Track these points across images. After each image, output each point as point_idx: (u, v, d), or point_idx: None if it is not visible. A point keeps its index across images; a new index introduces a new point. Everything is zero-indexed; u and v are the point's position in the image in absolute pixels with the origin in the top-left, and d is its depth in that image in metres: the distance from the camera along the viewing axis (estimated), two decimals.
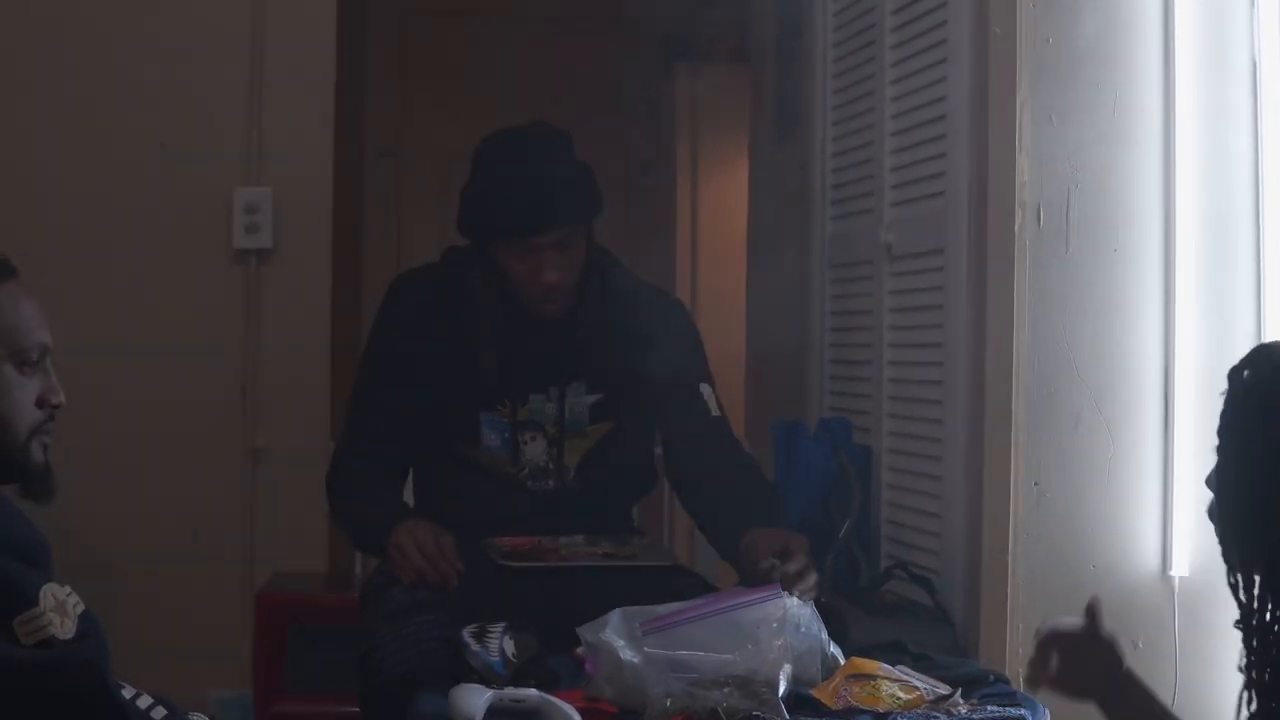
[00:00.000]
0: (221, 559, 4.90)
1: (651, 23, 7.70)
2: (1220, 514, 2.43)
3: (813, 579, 3.49)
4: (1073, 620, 2.63)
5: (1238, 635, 3.78)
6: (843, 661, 3.22)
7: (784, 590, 3.32)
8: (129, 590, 4.76)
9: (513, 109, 4.95)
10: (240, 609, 4.81)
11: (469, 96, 7.58)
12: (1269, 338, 3.78)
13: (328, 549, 5.00)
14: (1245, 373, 2.41)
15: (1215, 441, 2.46)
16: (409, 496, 3.99)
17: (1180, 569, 3.82)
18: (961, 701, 3.11)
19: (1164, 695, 3.70)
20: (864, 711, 3.03)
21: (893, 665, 3.25)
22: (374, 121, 7.43)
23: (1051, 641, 2.65)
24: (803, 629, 3.22)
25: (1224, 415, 2.44)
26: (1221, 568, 3.78)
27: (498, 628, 3.28)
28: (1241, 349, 3.72)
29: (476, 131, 3.87)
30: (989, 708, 3.08)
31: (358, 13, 5.92)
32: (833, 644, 3.26)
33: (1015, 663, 3.75)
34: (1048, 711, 3.14)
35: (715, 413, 3.89)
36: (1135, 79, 3.83)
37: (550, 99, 6.88)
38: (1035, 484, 3.83)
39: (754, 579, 3.45)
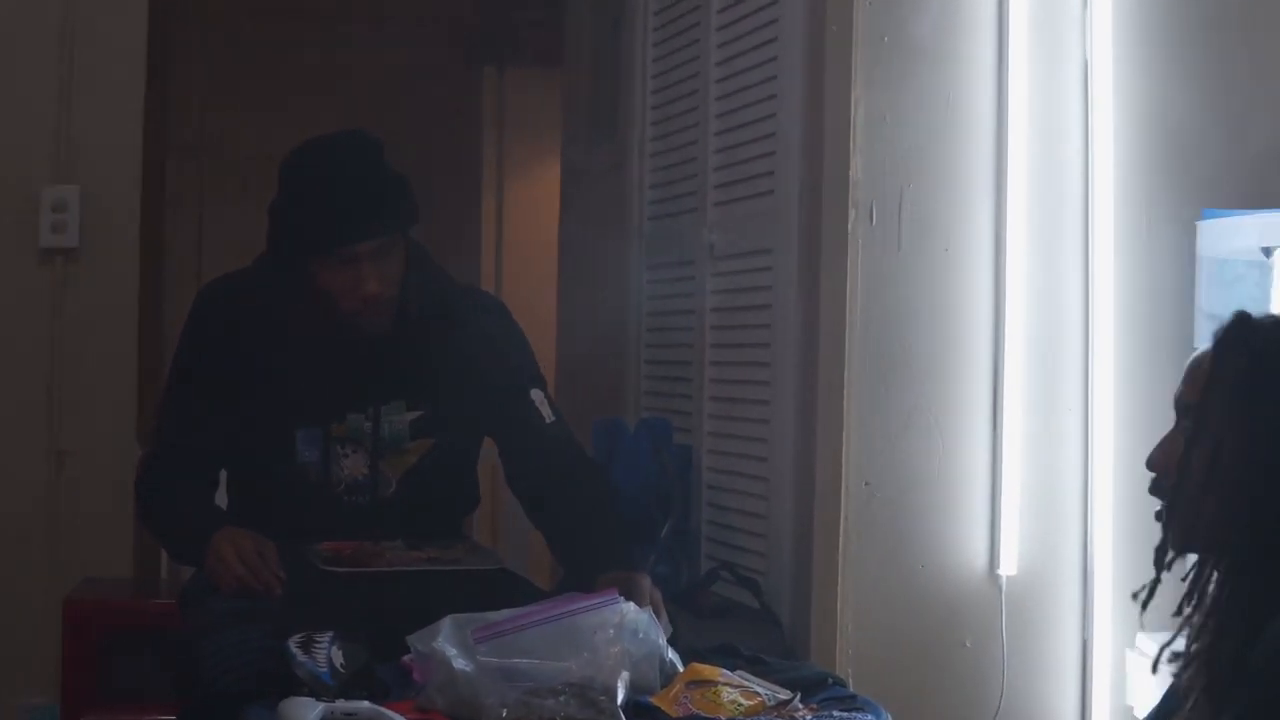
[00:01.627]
0: (27, 564, 4.72)
1: (459, 25, 7.65)
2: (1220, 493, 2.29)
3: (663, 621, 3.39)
4: None
5: (1063, 631, 3.83)
6: (681, 668, 3.11)
7: None
8: None
9: (318, 110, 4.83)
10: (47, 615, 4.61)
11: (273, 97, 7.49)
12: (1096, 338, 3.86)
13: (133, 553, 4.86)
14: (1223, 341, 2.33)
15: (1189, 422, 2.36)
16: (222, 502, 3.82)
17: (1008, 568, 3.85)
18: (801, 706, 3.01)
19: (993, 691, 3.80)
20: (705, 719, 2.91)
21: (730, 670, 3.14)
22: (177, 120, 7.28)
23: None
24: (640, 635, 3.09)
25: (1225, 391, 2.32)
26: (1048, 567, 3.82)
27: (325, 637, 3.12)
28: (1071, 350, 3.85)
29: (280, 132, 3.70)
30: (834, 713, 2.98)
31: (165, 12, 5.77)
32: (671, 650, 3.14)
33: (847, 664, 3.76)
34: (889, 716, 3.06)
35: (550, 419, 3.72)
36: (970, 78, 3.87)
37: (355, 101, 6.82)
38: (866, 484, 3.84)
39: None
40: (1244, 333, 2.29)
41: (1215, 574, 2.28)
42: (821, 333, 3.87)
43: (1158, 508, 2.35)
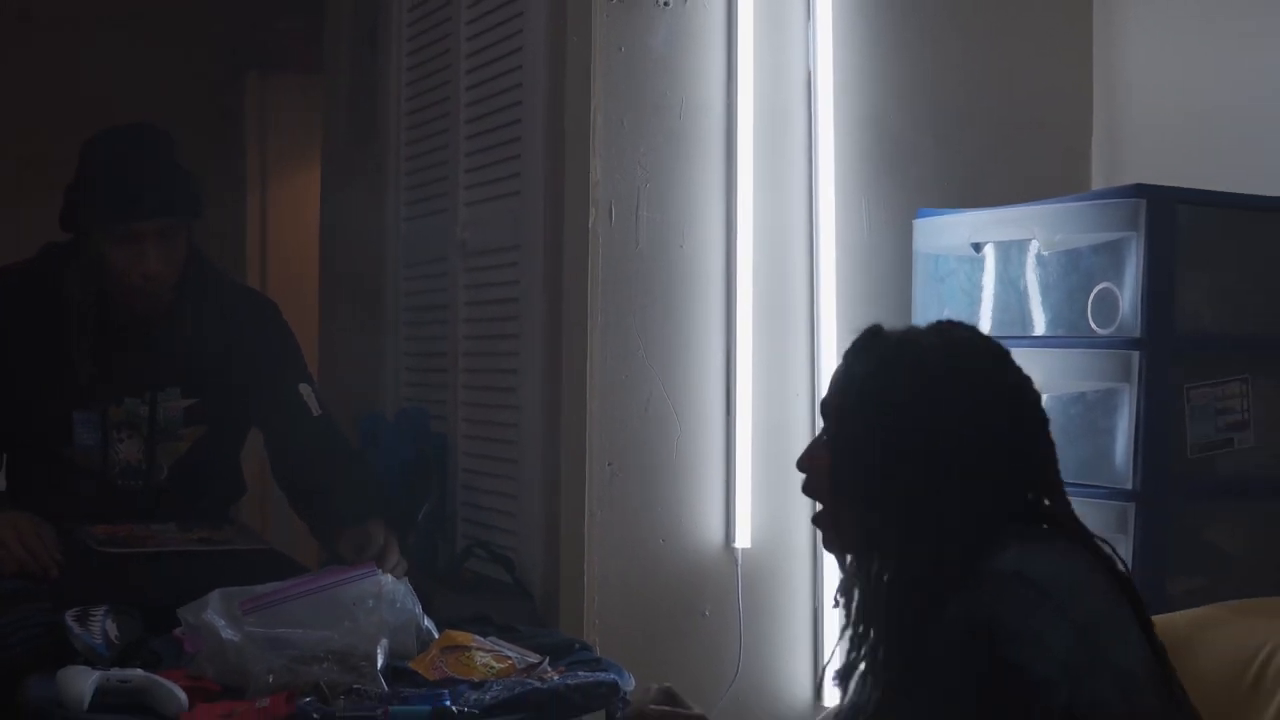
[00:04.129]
0: None
1: (223, 31, 7.56)
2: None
3: (394, 557, 3.44)
4: (660, 708, 2.56)
5: (796, 600, 3.91)
6: (436, 635, 3.19)
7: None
8: None
9: (87, 115, 4.78)
10: None
11: (41, 102, 7.32)
12: (821, 329, 3.93)
13: None
14: (855, 353, 2.37)
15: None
16: (1, 484, 3.81)
17: (743, 541, 3.89)
18: (550, 669, 3.10)
19: (731, 656, 3.83)
20: (461, 681, 2.99)
21: (483, 636, 3.22)
22: None
23: None
24: (398, 604, 3.18)
25: (852, 396, 2.36)
26: (780, 541, 3.90)
27: (100, 610, 3.15)
28: (797, 337, 3.89)
29: (50, 137, 3.72)
30: (579, 673, 3.08)
31: None
32: (426, 618, 3.22)
33: (594, 631, 3.79)
34: (632, 677, 3.14)
35: (317, 412, 3.78)
36: (701, 86, 3.87)
37: (120, 105, 6.70)
38: (609, 464, 3.84)
39: None
40: (872, 342, 2.34)
41: (863, 577, 2.30)
42: (565, 325, 3.88)
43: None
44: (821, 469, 2.35)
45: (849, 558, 2.34)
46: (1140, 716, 2.12)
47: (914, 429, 2.25)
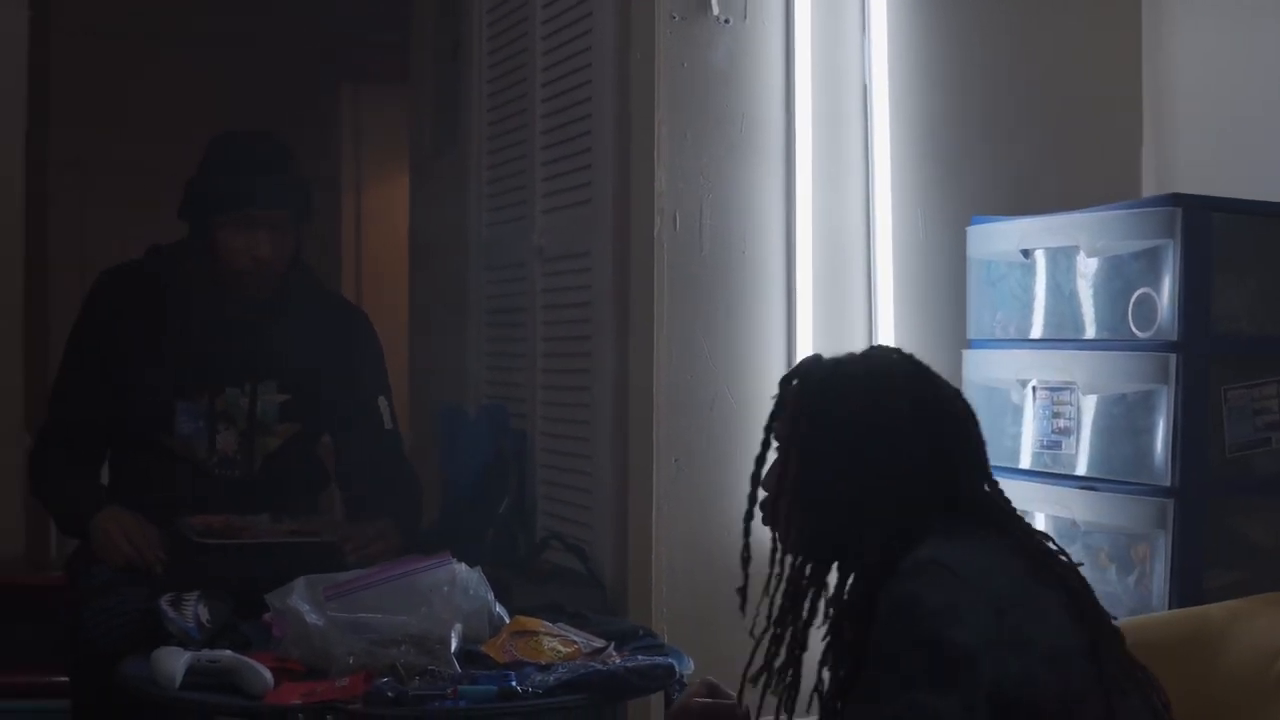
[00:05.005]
0: None
1: (318, 45, 7.65)
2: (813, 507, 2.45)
3: (368, 546, 3.63)
4: (703, 700, 2.64)
5: None
6: (508, 620, 3.27)
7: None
8: None
9: (191, 125, 4.90)
10: None
11: (149, 113, 7.46)
12: (880, 327, 3.97)
13: (25, 535, 4.88)
14: (794, 381, 2.51)
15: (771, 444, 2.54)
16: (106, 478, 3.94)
17: None
18: (614, 653, 3.17)
19: None
20: (528, 664, 3.08)
21: (553, 622, 3.31)
22: (57, 134, 7.25)
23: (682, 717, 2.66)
24: (471, 592, 3.26)
25: (786, 418, 2.51)
26: None
27: (192, 596, 3.28)
28: (854, 338, 3.92)
29: (154, 143, 3.86)
30: (639, 656, 3.16)
31: (41, 32, 5.81)
32: (498, 604, 3.30)
33: (660, 619, 3.84)
34: (692, 661, 3.22)
35: (388, 425, 3.93)
36: (760, 99, 3.93)
37: (225, 115, 6.81)
38: (675, 460, 3.89)
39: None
40: (808, 367, 2.51)
41: (800, 578, 2.46)
42: (633, 327, 3.94)
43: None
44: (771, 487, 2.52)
45: (792, 560, 2.49)
46: (1072, 694, 2.22)
47: (840, 441, 2.41)
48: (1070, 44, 4.16)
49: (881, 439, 2.40)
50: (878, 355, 2.54)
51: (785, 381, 2.52)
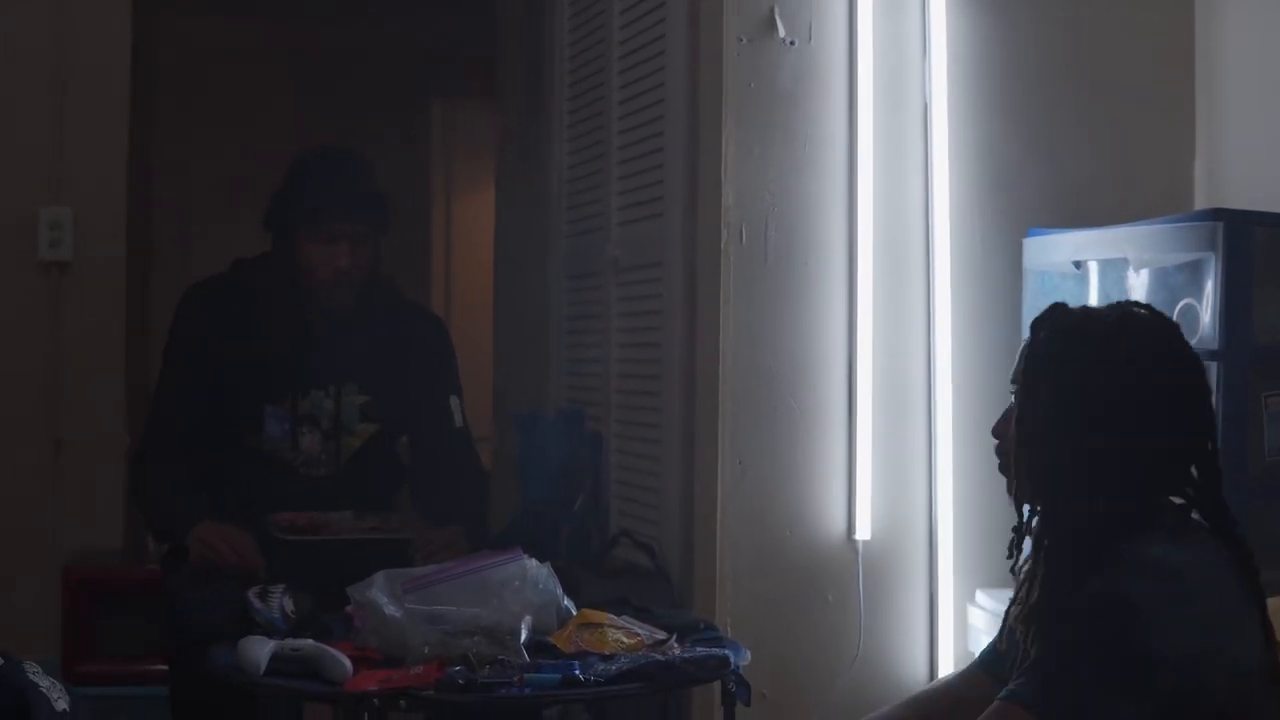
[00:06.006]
0: (32, 537, 4.87)
1: (415, 61, 7.69)
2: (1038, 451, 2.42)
3: (436, 554, 3.67)
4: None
5: (912, 588, 3.97)
6: (575, 613, 3.33)
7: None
8: None
9: (290, 136, 4.99)
10: (49, 582, 4.77)
11: (247, 123, 7.56)
12: (937, 339, 4.00)
13: (123, 526, 4.99)
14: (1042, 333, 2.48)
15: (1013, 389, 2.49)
16: None
17: (863, 534, 3.98)
18: (675, 645, 3.22)
19: (852, 638, 3.92)
20: (593, 654, 3.14)
21: (618, 616, 3.35)
22: (162, 143, 7.36)
23: None
24: (540, 586, 3.32)
25: (1032, 362, 2.46)
26: (898, 533, 3.95)
27: (278, 588, 3.37)
28: (915, 349, 3.96)
29: (255, 154, 3.95)
30: (697, 648, 3.22)
31: (147, 42, 5.91)
32: (566, 598, 3.36)
33: (724, 614, 3.88)
34: (748, 653, 3.27)
35: (459, 424, 4.01)
36: (824, 119, 3.97)
37: (319, 126, 6.93)
38: (739, 462, 3.94)
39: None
40: (1052, 314, 2.47)
41: (1038, 524, 2.41)
42: (699, 334, 3.99)
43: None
44: (1009, 435, 2.47)
45: (1025, 509, 2.46)
46: (1244, 709, 2.23)
47: (1085, 393, 2.37)
48: (1124, 62, 4.16)
49: (1127, 395, 2.36)
50: (1129, 307, 2.48)
51: (1033, 325, 2.47)
